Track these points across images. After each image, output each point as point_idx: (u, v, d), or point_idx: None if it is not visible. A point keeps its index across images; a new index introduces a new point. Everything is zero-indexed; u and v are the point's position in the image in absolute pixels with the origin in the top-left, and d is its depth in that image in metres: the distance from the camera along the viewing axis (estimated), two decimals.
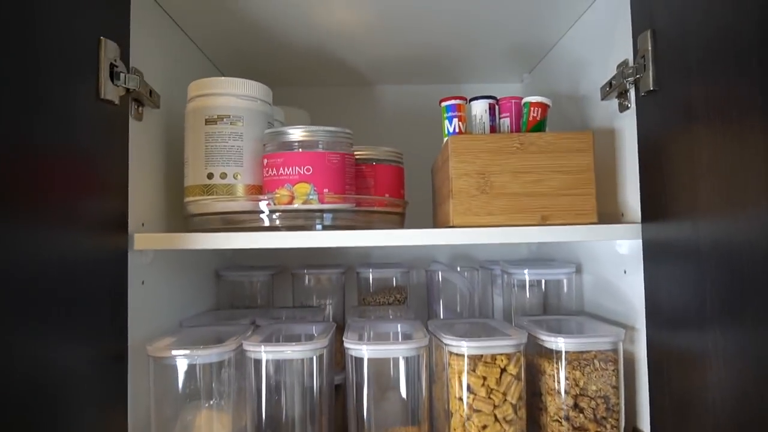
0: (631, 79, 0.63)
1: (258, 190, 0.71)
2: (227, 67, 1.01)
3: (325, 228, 0.69)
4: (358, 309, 0.93)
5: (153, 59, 0.72)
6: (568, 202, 0.65)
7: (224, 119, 0.69)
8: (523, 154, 0.65)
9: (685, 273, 0.54)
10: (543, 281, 0.86)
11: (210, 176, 0.69)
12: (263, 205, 0.67)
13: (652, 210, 0.62)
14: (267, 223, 0.67)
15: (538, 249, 1.10)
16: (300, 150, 0.66)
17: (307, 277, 0.99)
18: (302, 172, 0.66)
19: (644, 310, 0.64)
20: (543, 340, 0.66)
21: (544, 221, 0.65)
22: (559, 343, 0.64)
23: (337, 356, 0.86)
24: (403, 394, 0.66)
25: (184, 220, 0.73)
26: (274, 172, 0.67)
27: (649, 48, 0.59)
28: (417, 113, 1.15)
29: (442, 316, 0.98)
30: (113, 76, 0.59)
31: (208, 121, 0.69)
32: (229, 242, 0.63)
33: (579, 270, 0.85)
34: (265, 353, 0.63)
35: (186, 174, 0.71)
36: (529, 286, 0.86)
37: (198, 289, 0.93)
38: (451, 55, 0.99)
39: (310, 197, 0.66)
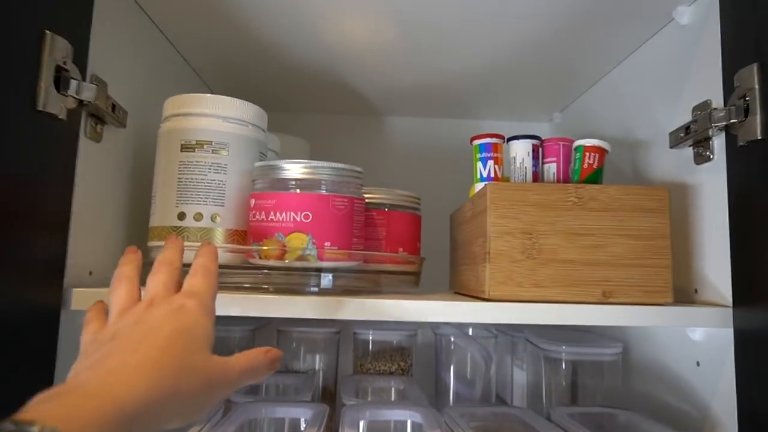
0: (721, 124, 0.50)
1: (241, 236, 0.56)
2: (217, 83, 0.87)
3: (321, 292, 0.54)
4: (354, 379, 0.78)
5: (124, 68, 0.58)
6: (636, 275, 0.51)
7: (204, 146, 0.55)
8: (580, 211, 0.51)
9: None
10: (579, 361, 0.71)
11: (181, 216, 0.54)
12: (256, 255, 0.52)
13: (749, 291, 0.48)
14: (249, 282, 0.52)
15: None
16: (298, 191, 0.52)
17: (295, 335, 0.84)
18: (299, 219, 0.51)
19: (730, 417, 0.49)
20: None
21: (606, 298, 0.50)
22: None
23: None
24: None
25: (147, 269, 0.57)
26: (263, 216, 0.52)
27: (756, 86, 0.46)
28: (429, 150, 1.02)
29: (452, 389, 0.83)
30: (60, 82, 0.45)
31: (184, 147, 0.55)
32: None
33: (626, 350, 0.70)
34: None
35: (152, 212, 0.56)
36: (563, 364, 0.72)
37: None
38: (471, 85, 0.87)
39: (307, 252, 0.51)
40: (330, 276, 0.54)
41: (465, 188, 0.70)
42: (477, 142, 0.61)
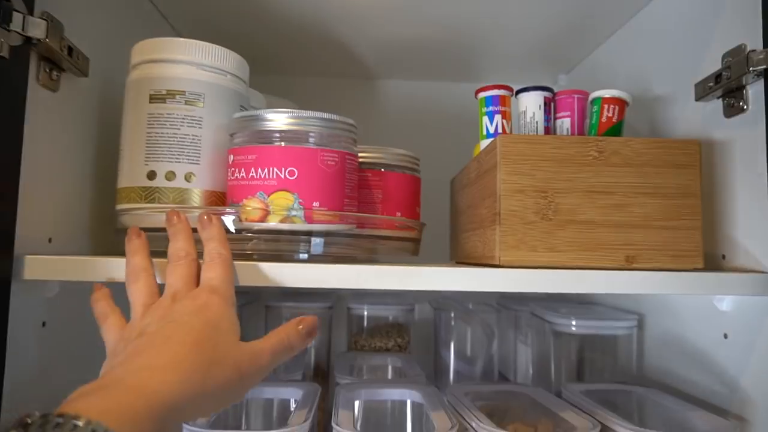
0: (760, 68, 0.44)
1: (220, 198, 0.50)
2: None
3: (312, 258, 0.48)
4: (349, 356, 0.73)
5: (83, 9, 0.51)
6: (663, 237, 0.45)
7: (176, 96, 0.48)
8: (602, 167, 0.46)
9: None
10: (590, 335, 0.66)
11: (151, 176, 0.48)
12: (229, 222, 0.46)
13: None
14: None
15: None
16: (282, 144, 0.46)
17: (285, 310, 0.78)
18: (283, 176, 0.45)
19: (762, 393, 0.45)
20: None
21: (629, 263, 0.45)
22: None
23: (320, 414, 0.65)
24: None
25: (115, 235, 0.51)
26: (242, 174, 0.46)
27: None
28: (425, 115, 0.96)
29: (452, 367, 0.78)
30: (0, 14, 0.38)
31: (153, 98, 0.48)
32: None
33: (641, 323, 0.65)
34: None
35: (119, 171, 0.50)
36: (573, 339, 0.67)
37: None
38: (472, 43, 0.80)
39: (293, 213, 0.45)
40: (320, 241, 0.48)
41: (463, 156, 0.64)
42: (483, 94, 0.55)
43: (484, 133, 0.55)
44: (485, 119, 0.55)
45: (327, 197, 0.46)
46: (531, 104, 0.54)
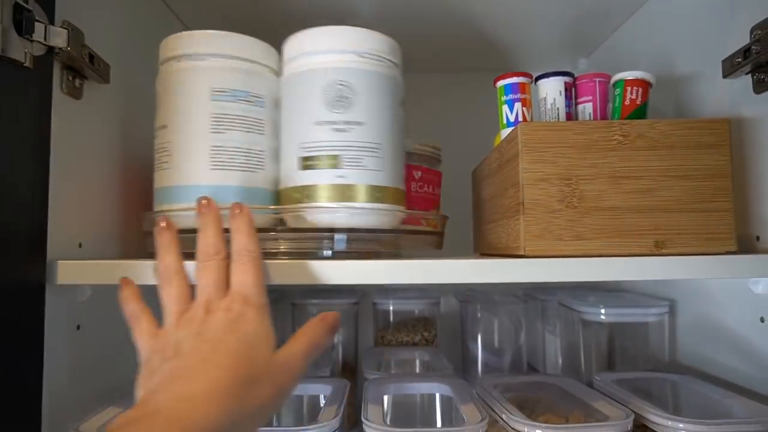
0: None
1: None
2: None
3: (336, 255, 0.48)
4: (376, 351, 0.73)
5: (102, 17, 0.52)
6: (693, 220, 0.44)
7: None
8: (627, 151, 0.45)
9: None
10: (621, 323, 0.65)
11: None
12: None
13: None
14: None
15: None
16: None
17: (311, 307, 0.79)
18: None
19: None
20: (655, 423, 0.45)
21: (658, 249, 0.44)
22: (678, 428, 0.43)
23: (349, 410, 0.65)
24: None
25: (148, 237, 0.52)
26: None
27: None
28: (442, 109, 0.95)
29: (480, 359, 0.78)
30: (22, 25, 0.39)
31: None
32: None
33: (672, 309, 0.64)
34: None
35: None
36: (603, 327, 0.66)
37: None
38: (489, 32, 0.79)
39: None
40: (344, 237, 0.48)
41: (484, 147, 0.63)
42: (502, 82, 0.54)
43: (505, 122, 0.54)
44: (505, 108, 0.54)
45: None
46: (551, 90, 0.53)
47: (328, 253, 0.49)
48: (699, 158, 0.45)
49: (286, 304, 0.81)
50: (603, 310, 0.62)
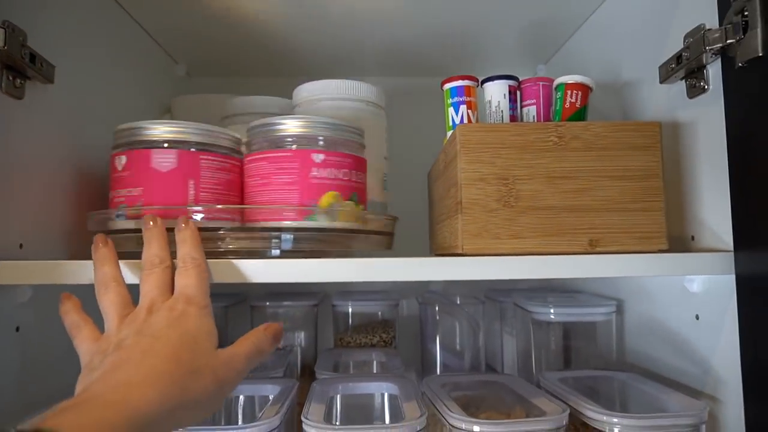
0: (716, 46, 0.44)
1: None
2: (174, 45, 0.81)
3: (284, 254, 0.49)
4: (333, 353, 0.73)
5: (48, 18, 0.52)
6: (626, 220, 0.45)
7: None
8: (562, 152, 0.46)
9: None
10: (571, 323, 0.66)
11: None
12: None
13: (752, 232, 0.42)
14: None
15: None
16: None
17: (269, 310, 0.79)
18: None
19: (734, 374, 0.44)
20: (589, 418, 0.46)
21: (593, 247, 0.45)
22: (612, 423, 0.44)
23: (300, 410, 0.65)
24: None
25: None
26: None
27: None
28: (402, 113, 0.95)
29: (439, 359, 0.78)
30: None
31: None
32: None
33: (620, 308, 0.65)
34: None
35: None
36: (553, 327, 0.67)
37: None
38: (451, 39, 0.80)
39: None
40: (290, 237, 0.49)
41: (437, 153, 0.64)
42: (448, 85, 0.55)
43: (450, 124, 0.55)
44: (451, 110, 0.55)
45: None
46: (496, 93, 0.54)
47: (276, 252, 0.50)
48: (631, 159, 0.46)
49: (246, 307, 0.81)
50: (552, 310, 0.63)
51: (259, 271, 0.43)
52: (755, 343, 0.42)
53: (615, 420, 0.44)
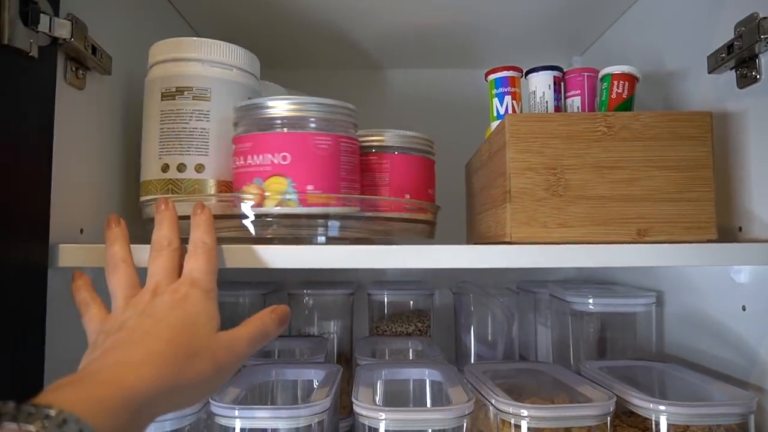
0: None
1: (230, 187, 0.52)
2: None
3: (329, 242, 0.50)
4: (369, 340, 0.74)
5: (105, 10, 0.54)
6: (675, 210, 0.46)
7: (185, 92, 0.50)
8: (611, 142, 0.46)
9: None
10: (609, 313, 0.67)
11: (165, 168, 0.50)
12: (246, 208, 0.48)
13: None
14: (252, 232, 0.48)
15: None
16: (276, 130, 0.47)
17: (307, 298, 0.80)
18: (276, 162, 0.47)
19: None
20: (636, 406, 0.46)
21: (641, 237, 0.46)
22: (659, 411, 0.45)
23: (343, 399, 0.67)
24: None
25: (142, 225, 0.54)
26: (242, 161, 0.48)
27: None
28: (435, 104, 0.96)
29: (473, 350, 0.79)
30: (28, 16, 0.41)
31: (164, 96, 0.51)
32: None
33: (660, 300, 0.65)
34: (240, 420, 0.44)
35: (141, 165, 0.53)
36: (591, 318, 0.67)
37: None
38: (478, 28, 0.80)
39: (287, 197, 0.47)
40: (337, 224, 0.50)
41: (474, 144, 0.64)
42: (492, 76, 0.56)
43: (495, 114, 0.56)
44: (495, 101, 0.55)
45: (322, 180, 0.48)
46: (541, 84, 0.55)
47: (322, 239, 0.51)
48: (681, 150, 0.46)
49: (283, 295, 0.82)
50: (591, 300, 0.63)
51: (288, 257, 0.44)
52: None
53: (662, 408, 0.44)
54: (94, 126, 0.53)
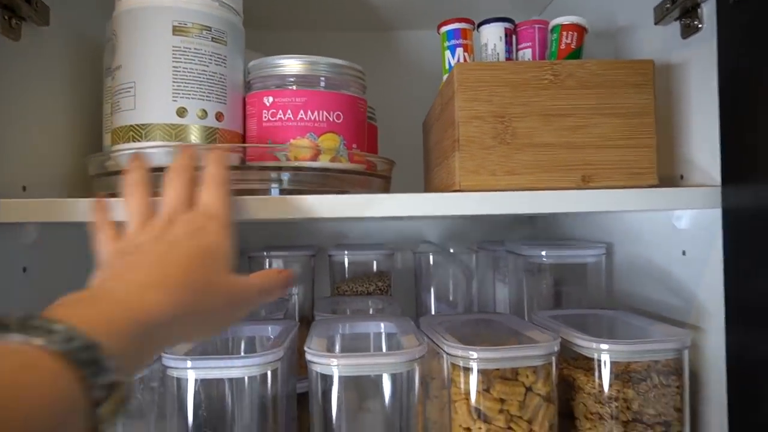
0: None
1: (241, 139, 0.51)
2: None
3: (283, 192, 0.50)
4: (330, 300, 0.75)
5: None
6: (618, 156, 0.47)
7: (203, 32, 0.48)
8: (557, 90, 0.47)
9: None
10: (562, 265, 0.68)
11: (182, 113, 0.47)
12: (282, 157, 0.49)
13: (741, 168, 0.44)
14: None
15: (545, 220, 0.92)
16: (326, 89, 0.49)
17: (268, 260, 0.80)
18: (332, 120, 0.49)
19: (717, 304, 0.47)
20: (579, 346, 0.48)
21: (585, 183, 0.47)
22: (601, 350, 0.46)
23: (302, 360, 0.67)
24: (387, 421, 0.48)
25: (95, 180, 0.52)
26: (289, 115, 0.49)
27: None
28: (397, 63, 0.94)
29: (433, 309, 0.81)
30: None
31: (178, 30, 0.47)
32: None
33: (609, 251, 0.67)
34: (193, 371, 0.45)
35: (124, 107, 0.48)
36: (545, 270, 0.69)
37: None
38: None
39: (340, 153, 0.49)
40: (287, 175, 0.49)
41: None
42: (444, 28, 0.55)
43: (447, 67, 0.56)
44: (447, 53, 0.55)
45: (360, 140, 0.51)
46: (492, 36, 0.55)
47: (275, 191, 0.50)
48: (625, 97, 0.47)
49: (243, 258, 0.82)
50: (544, 252, 0.65)
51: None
52: (738, 273, 0.44)
53: (604, 347, 0.46)
54: (35, 78, 0.51)
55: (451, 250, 0.82)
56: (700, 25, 0.49)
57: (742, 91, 0.44)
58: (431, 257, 0.81)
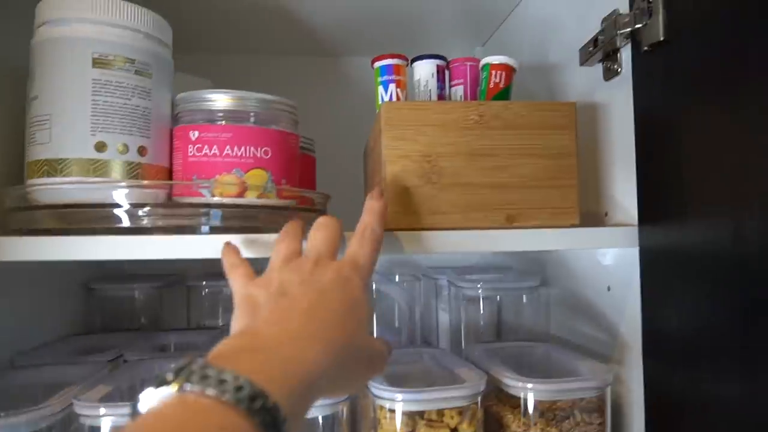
0: (626, 30, 0.47)
1: (167, 174, 0.50)
2: None
3: (213, 230, 0.48)
4: None
5: None
6: (542, 196, 0.48)
7: (127, 64, 0.46)
8: (483, 130, 0.47)
9: (703, 291, 0.39)
10: (498, 296, 0.69)
11: (100, 147, 0.46)
12: (207, 193, 0.48)
13: (655, 209, 0.45)
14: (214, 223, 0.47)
15: (494, 253, 0.93)
16: (256, 125, 0.48)
17: (206, 290, 0.78)
18: (259, 155, 0.48)
19: (638, 339, 0.48)
20: (507, 385, 0.48)
21: (509, 222, 0.47)
22: (527, 389, 0.47)
23: None
24: None
25: (7, 214, 0.49)
26: (215, 151, 0.47)
27: None
28: (339, 88, 0.94)
29: (376, 335, 0.80)
30: None
31: (98, 62, 0.46)
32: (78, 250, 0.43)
33: (544, 282, 0.68)
34: (107, 417, 0.42)
35: (39, 140, 0.46)
36: (483, 301, 0.69)
37: (55, 308, 0.70)
38: (389, 19, 0.80)
39: (268, 190, 0.48)
40: (219, 213, 0.48)
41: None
42: (378, 63, 0.56)
43: (380, 102, 0.56)
44: (380, 89, 0.55)
45: (291, 176, 0.51)
46: (425, 73, 0.55)
47: (206, 229, 0.49)
48: (548, 138, 0.48)
49: (182, 288, 0.79)
50: (479, 285, 0.65)
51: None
52: (653, 309, 0.46)
53: (529, 386, 0.47)
54: None
55: (396, 278, 0.82)
56: (619, 69, 0.50)
57: (654, 134, 0.45)
58: (373, 285, 0.80)
